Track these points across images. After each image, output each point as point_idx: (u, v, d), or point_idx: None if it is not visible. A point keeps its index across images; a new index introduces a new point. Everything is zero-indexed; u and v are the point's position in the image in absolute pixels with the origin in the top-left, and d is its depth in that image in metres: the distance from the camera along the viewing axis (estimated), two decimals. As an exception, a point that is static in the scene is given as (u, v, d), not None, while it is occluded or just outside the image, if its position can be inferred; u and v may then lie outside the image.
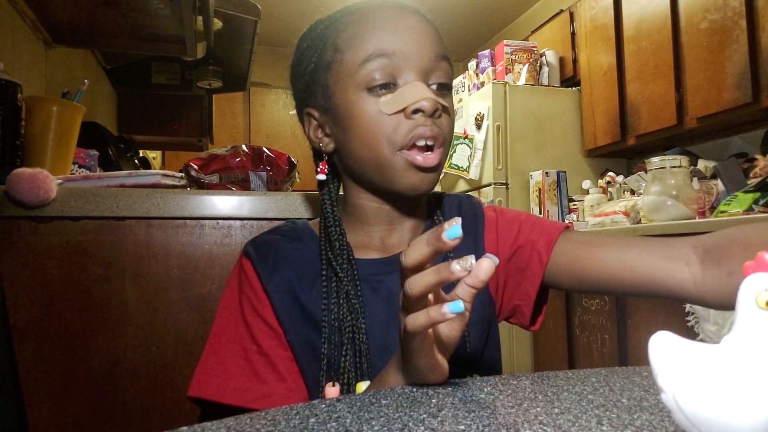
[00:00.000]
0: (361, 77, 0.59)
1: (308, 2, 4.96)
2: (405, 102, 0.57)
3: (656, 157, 2.38)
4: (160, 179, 1.02)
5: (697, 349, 0.30)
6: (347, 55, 0.60)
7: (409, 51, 0.58)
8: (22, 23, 1.52)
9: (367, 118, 0.59)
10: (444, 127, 0.60)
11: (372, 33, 0.59)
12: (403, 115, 0.58)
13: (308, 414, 0.40)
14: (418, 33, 0.60)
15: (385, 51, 0.58)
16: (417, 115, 0.58)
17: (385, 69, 0.58)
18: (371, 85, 0.58)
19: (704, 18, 2.42)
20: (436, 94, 0.60)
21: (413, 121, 0.58)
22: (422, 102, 0.57)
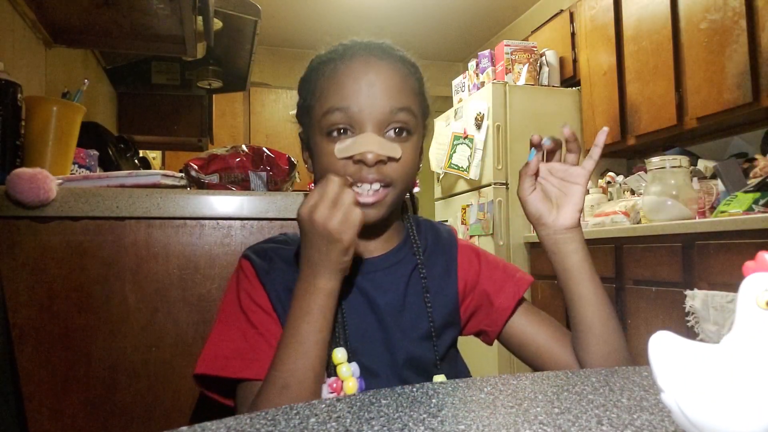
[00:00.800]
0: (323, 125, 0.69)
1: (308, 2, 4.96)
2: (351, 152, 0.67)
3: (656, 157, 2.38)
4: (160, 179, 1.02)
5: (697, 349, 0.30)
6: (316, 105, 0.71)
7: (365, 105, 0.67)
8: (22, 23, 1.52)
9: (325, 159, 0.69)
10: (391, 173, 0.69)
11: (334, 89, 0.69)
12: (350, 162, 0.68)
13: (308, 414, 0.40)
14: (378, 88, 0.68)
15: (341, 106, 0.68)
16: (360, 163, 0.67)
17: (341, 119, 0.68)
18: (329, 131, 0.69)
19: (704, 18, 2.42)
20: (391, 139, 0.68)
21: (358, 167, 0.67)
22: (366, 155, 0.66)
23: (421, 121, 0.74)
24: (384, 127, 0.69)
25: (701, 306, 1.86)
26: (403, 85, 0.71)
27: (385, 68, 0.70)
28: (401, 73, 0.72)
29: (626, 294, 2.30)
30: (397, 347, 0.72)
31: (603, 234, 2.45)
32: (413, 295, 0.75)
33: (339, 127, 0.68)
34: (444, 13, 4.58)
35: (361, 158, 0.66)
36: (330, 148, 0.68)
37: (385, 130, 0.69)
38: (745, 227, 1.77)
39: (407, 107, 0.70)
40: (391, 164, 0.69)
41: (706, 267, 1.92)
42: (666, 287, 2.07)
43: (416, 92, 0.74)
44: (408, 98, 0.71)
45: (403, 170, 0.70)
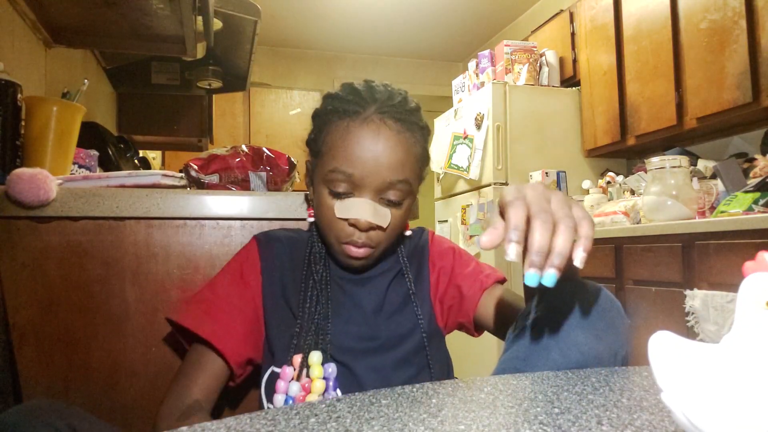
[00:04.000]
0: (327, 180, 0.75)
1: (308, 2, 4.95)
2: (348, 214, 0.74)
3: (656, 157, 2.38)
4: (160, 179, 1.02)
5: (697, 349, 0.30)
6: (324, 158, 0.76)
7: (367, 175, 0.73)
8: (22, 23, 1.52)
9: (325, 209, 0.76)
10: (377, 238, 0.77)
11: (343, 152, 0.74)
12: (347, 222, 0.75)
13: (308, 414, 0.40)
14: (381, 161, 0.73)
15: (346, 171, 0.73)
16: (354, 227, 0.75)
17: (343, 182, 0.74)
18: (331, 188, 0.75)
19: (704, 18, 2.42)
20: (383, 205, 0.75)
21: (351, 228, 0.75)
22: (359, 221, 0.74)
23: (416, 185, 0.80)
24: (381, 193, 0.75)
25: (701, 306, 1.86)
26: (406, 158, 0.76)
27: (394, 141, 0.74)
28: (408, 144, 0.76)
29: (626, 294, 2.30)
30: (380, 348, 0.78)
31: (603, 234, 2.45)
32: (394, 298, 0.82)
33: (341, 189, 0.74)
34: (444, 13, 4.58)
35: (355, 223, 0.74)
36: (330, 203, 0.76)
37: (382, 196, 0.75)
38: (745, 227, 1.77)
39: (405, 179, 0.76)
40: (379, 231, 0.76)
41: (706, 267, 1.92)
42: (666, 287, 2.07)
43: (418, 159, 0.78)
44: (408, 170, 0.76)
45: (387, 236, 0.78)
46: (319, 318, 0.78)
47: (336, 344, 0.77)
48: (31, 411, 0.54)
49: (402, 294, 0.83)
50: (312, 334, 0.76)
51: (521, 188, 0.54)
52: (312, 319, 0.77)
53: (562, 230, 0.49)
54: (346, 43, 5.14)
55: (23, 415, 0.53)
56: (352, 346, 0.77)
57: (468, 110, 3.36)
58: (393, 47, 5.28)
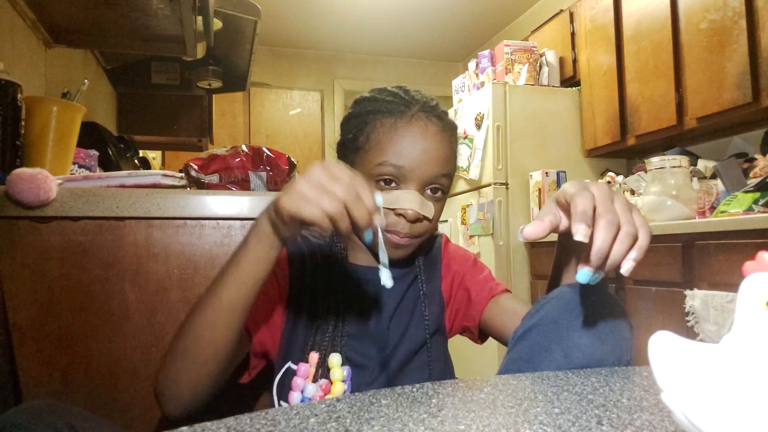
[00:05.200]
0: (374, 172, 0.76)
1: (308, 2, 4.95)
2: (396, 205, 0.75)
3: (656, 157, 2.38)
4: (160, 179, 1.02)
5: (697, 349, 0.30)
6: (370, 153, 0.77)
7: (416, 167, 0.75)
8: (21, 23, 1.52)
9: None
10: (420, 229, 0.78)
11: (392, 146, 0.76)
12: (391, 211, 0.75)
13: (308, 414, 0.40)
14: (431, 155, 0.76)
15: (396, 164, 0.75)
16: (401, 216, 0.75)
17: (391, 174, 0.75)
18: (378, 179, 0.76)
19: (704, 18, 2.42)
20: (428, 198, 0.77)
21: (397, 219, 0.76)
22: (408, 211, 0.75)
23: (453, 179, 0.83)
24: (426, 186, 0.77)
25: (701, 306, 1.86)
26: (450, 153, 0.79)
27: (440, 137, 0.78)
28: (450, 141, 0.80)
29: (626, 294, 2.30)
30: (392, 351, 0.79)
31: (603, 234, 2.44)
32: (408, 301, 0.84)
33: (387, 178, 0.76)
34: (444, 13, 4.58)
35: (403, 213, 0.75)
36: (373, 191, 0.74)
37: (426, 188, 0.77)
38: (745, 227, 1.77)
39: (448, 174, 0.79)
40: (424, 222, 0.78)
41: (706, 267, 1.92)
42: (666, 287, 2.07)
43: (455, 157, 0.82)
44: (451, 165, 0.79)
45: (431, 227, 0.80)
46: (337, 319, 0.79)
47: (352, 346, 0.78)
48: (32, 411, 0.54)
49: (415, 296, 0.85)
50: (329, 334, 0.78)
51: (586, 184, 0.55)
52: (331, 319, 0.79)
53: (622, 237, 0.50)
54: (346, 43, 5.13)
55: (24, 415, 0.53)
56: (366, 348, 0.79)
57: (468, 110, 3.36)
58: (393, 47, 5.28)
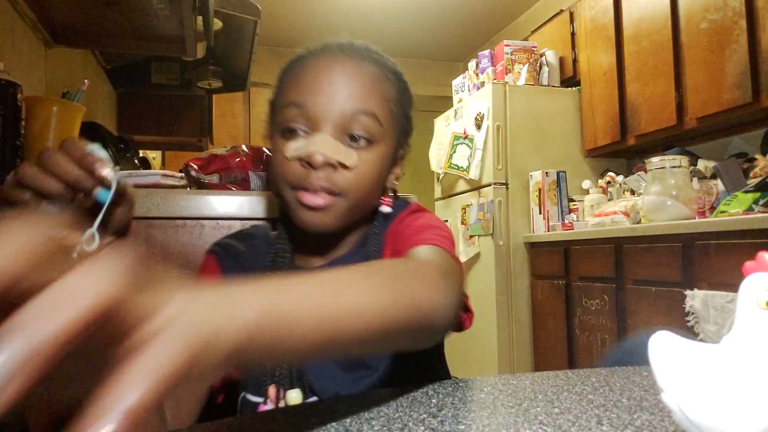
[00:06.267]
0: (279, 120, 0.65)
1: (308, 2, 4.95)
2: (301, 152, 0.62)
3: (656, 157, 2.38)
4: (160, 179, 1.02)
5: (697, 349, 0.30)
6: (276, 99, 0.68)
7: (322, 103, 0.62)
8: (22, 23, 1.52)
9: (277, 158, 0.65)
10: (341, 182, 0.62)
11: (294, 83, 0.65)
12: (300, 162, 0.62)
13: (308, 414, 0.40)
14: (339, 87, 0.63)
15: (298, 102, 0.63)
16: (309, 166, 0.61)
17: (296, 117, 0.63)
18: (283, 128, 0.64)
19: (704, 18, 2.42)
20: (348, 146, 0.63)
21: (305, 170, 0.62)
22: (314, 156, 0.60)
23: (391, 132, 0.67)
24: (343, 130, 0.63)
25: (701, 306, 1.86)
26: (371, 88, 0.65)
27: (353, 67, 0.64)
28: (373, 75, 0.66)
29: (626, 294, 2.30)
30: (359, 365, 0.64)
31: (603, 234, 2.45)
32: None
33: (294, 126, 0.63)
34: (444, 13, 4.58)
35: (309, 160, 0.60)
36: (282, 147, 0.63)
37: (344, 133, 0.63)
38: (745, 227, 1.77)
39: (371, 112, 0.63)
40: (343, 173, 0.62)
41: (706, 267, 1.92)
42: (666, 287, 2.07)
43: (389, 100, 0.67)
44: (375, 103, 0.64)
45: (357, 182, 0.63)
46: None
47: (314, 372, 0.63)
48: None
49: None
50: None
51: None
52: None
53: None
54: (346, 43, 5.14)
55: None
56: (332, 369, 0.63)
57: (468, 110, 3.36)
58: (393, 47, 5.28)
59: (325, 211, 0.62)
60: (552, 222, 3.02)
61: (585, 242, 2.58)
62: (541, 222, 3.05)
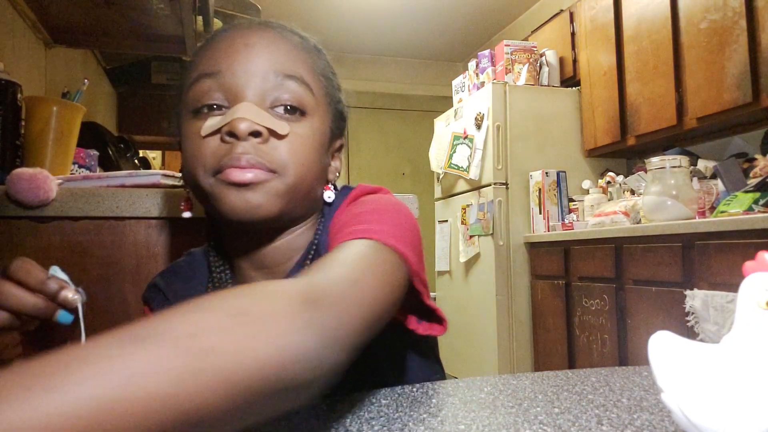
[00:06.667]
0: (189, 99, 0.55)
1: (308, 2, 4.95)
2: (219, 124, 0.51)
3: (656, 157, 2.38)
4: (160, 179, 1.02)
5: (697, 349, 0.30)
6: (185, 79, 0.57)
7: (240, 69, 0.53)
8: (22, 23, 1.52)
9: (189, 142, 0.54)
10: (274, 155, 0.52)
11: (204, 53, 0.56)
12: (219, 138, 0.52)
13: (308, 414, 0.40)
14: (257, 49, 0.53)
15: (211, 71, 0.53)
16: (232, 138, 0.51)
17: (210, 89, 0.53)
18: (196, 107, 0.54)
19: (704, 18, 2.42)
20: (275, 116, 0.53)
21: (228, 146, 0.51)
22: (237, 123, 0.50)
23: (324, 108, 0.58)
24: (268, 99, 0.53)
25: (701, 306, 1.86)
26: (296, 54, 0.56)
27: (274, 35, 0.56)
28: (296, 43, 0.57)
29: (626, 294, 2.30)
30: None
31: (603, 234, 2.45)
32: None
33: (209, 103, 0.53)
34: (444, 13, 4.58)
35: (230, 129, 0.50)
36: (196, 128, 0.53)
37: (271, 105, 0.53)
38: (745, 227, 1.77)
39: (299, 76, 0.54)
40: (274, 144, 0.52)
41: (706, 267, 1.92)
42: (666, 287, 2.07)
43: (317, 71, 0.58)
44: (302, 69, 0.56)
45: (292, 156, 0.53)
46: None
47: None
48: None
49: None
50: None
51: None
52: None
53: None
54: (346, 43, 5.13)
55: None
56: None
57: (468, 110, 3.36)
58: (393, 47, 5.28)
59: (257, 189, 0.51)
60: (552, 222, 3.02)
61: (585, 242, 2.58)
62: (541, 222, 3.05)
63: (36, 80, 1.64)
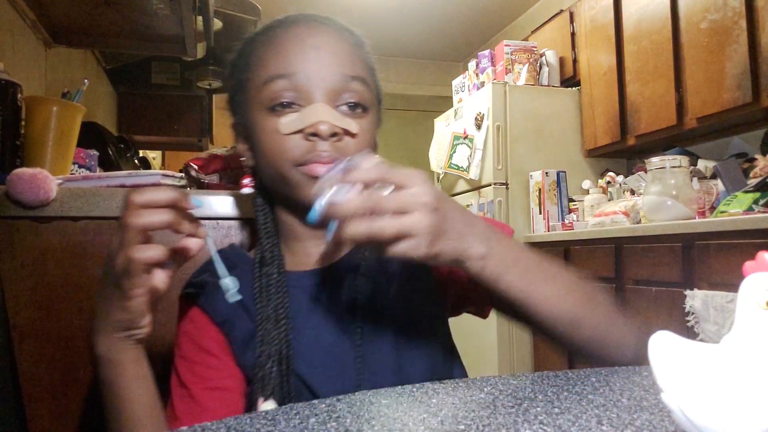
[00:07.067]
0: (263, 97, 0.60)
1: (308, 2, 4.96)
2: (302, 124, 0.58)
3: (656, 157, 2.38)
4: (160, 179, 1.02)
5: (697, 349, 0.30)
6: (253, 75, 0.62)
7: (312, 70, 0.59)
8: (22, 23, 1.52)
9: (268, 136, 0.60)
10: (346, 150, 0.59)
11: (275, 53, 0.61)
12: (301, 137, 0.58)
13: (308, 414, 0.40)
14: (324, 51, 0.60)
15: (286, 72, 0.59)
16: (315, 138, 0.58)
17: (285, 89, 0.59)
18: (272, 105, 0.59)
19: (704, 18, 2.42)
20: (344, 115, 0.60)
21: (311, 143, 0.58)
22: (319, 126, 0.57)
23: (375, 101, 0.65)
24: (336, 98, 0.60)
25: (701, 306, 1.86)
26: (355, 54, 0.63)
27: (333, 33, 0.62)
28: (353, 41, 0.64)
29: (626, 294, 2.29)
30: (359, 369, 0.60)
31: (603, 234, 2.45)
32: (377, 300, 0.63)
33: (283, 101, 0.59)
34: (444, 13, 4.57)
35: (314, 130, 0.57)
36: (274, 124, 0.59)
37: (338, 103, 0.60)
38: (745, 227, 1.77)
39: (361, 77, 0.61)
40: (347, 141, 0.59)
41: (706, 267, 1.92)
42: (666, 287, 2.07)
43: (369, 66, 0.65)
44: (361, 68, 0.62)
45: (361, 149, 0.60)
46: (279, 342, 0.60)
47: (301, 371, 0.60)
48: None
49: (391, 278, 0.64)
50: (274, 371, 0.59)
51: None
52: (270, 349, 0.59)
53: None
54: (346, 43, 5.14)
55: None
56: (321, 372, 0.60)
57: (468, 110, 3.36)
58: (393, 47, 5.28)
59: None
60: (552, 222, 3.02)
61: (585, 242, 2.58)
62: (541, 222, 3.05)
63: (36, 80, 1.64)
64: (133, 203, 0.49)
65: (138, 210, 0.49)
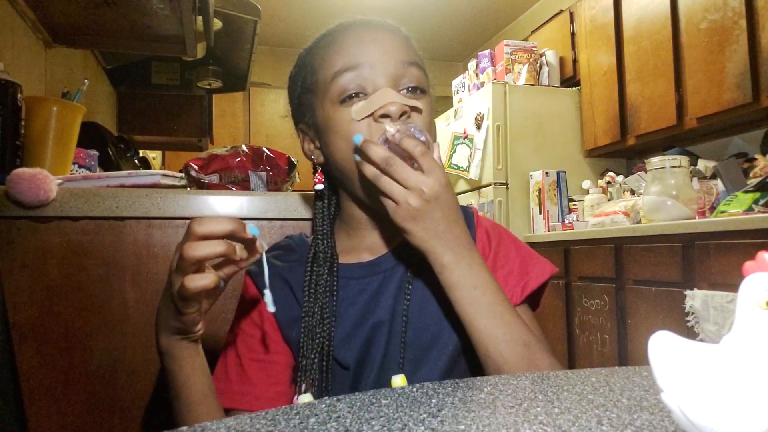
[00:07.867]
0: (333, 92, 0.65)
1: (308, 2, 4.96)
2: (372, 107, 0.63)
3: (656, 157, 2.38)
4: (160, 179, 1.02)
5: (697, 349, 0.30)
6: (321, 74, 0.68)
7: (374, 61, 0.65)
8: (22, 23, 1.52)
9: (342, 126, 0.65)
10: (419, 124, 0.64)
11: (339, 50, 0.67)
12: (372, 121, 0.63)
13: (308, 414, 0.40)
14: (383, 44, 0.67)
15: (351, 64, 0.65)
16: (386, 119, 0.63)
17: (353, 81, 0.65)
18: (342, 97, 0.65)
19: (704, 18, 2.42)
20: (407, 97, 0.65)
21: (381, 125, 0.63)
22: (389, 106, 0.62)
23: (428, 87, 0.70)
24: (397, 83, 0.66)
25: (701, 306, 1.86)
26: (408, 45, 0.70)
27: (386, 29, 0.70)
28: (405, 35, 0.71)
29: (626, 294, 2.30)
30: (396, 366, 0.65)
31: (603, 234, 2.45)
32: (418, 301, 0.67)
33: (351, 92, 0.64)
34: (444, 13, 4.58)
35: (385, 112, 0.62)
36: (346, 114, 0.64)
37: (399, 88, 0.66)
38: (745, 227, 1.77)
39: (416, 62, 0.68)
40: (415, 117, 0.65)
41: (706, 267, 1.92)
42: (666, 287, 2.07)
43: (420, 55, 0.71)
44: (416, 56, 0.69)
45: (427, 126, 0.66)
46: (322, 337, 0.65)
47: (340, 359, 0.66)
48: None
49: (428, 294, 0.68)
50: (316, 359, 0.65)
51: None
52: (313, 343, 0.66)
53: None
54: (346, 43, 5.14)
55: None
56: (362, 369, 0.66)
57: (468, 110, 3.36)
58: (393, 47, 5.28)
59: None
60: (552, 222, 3.02)
61: (585, 242, 2.58)
62: (541, 222, 3.05)
63: (36, 80, 1.64)
64: (194, 234, 0.52)
65: (197, 241, 0.52)
